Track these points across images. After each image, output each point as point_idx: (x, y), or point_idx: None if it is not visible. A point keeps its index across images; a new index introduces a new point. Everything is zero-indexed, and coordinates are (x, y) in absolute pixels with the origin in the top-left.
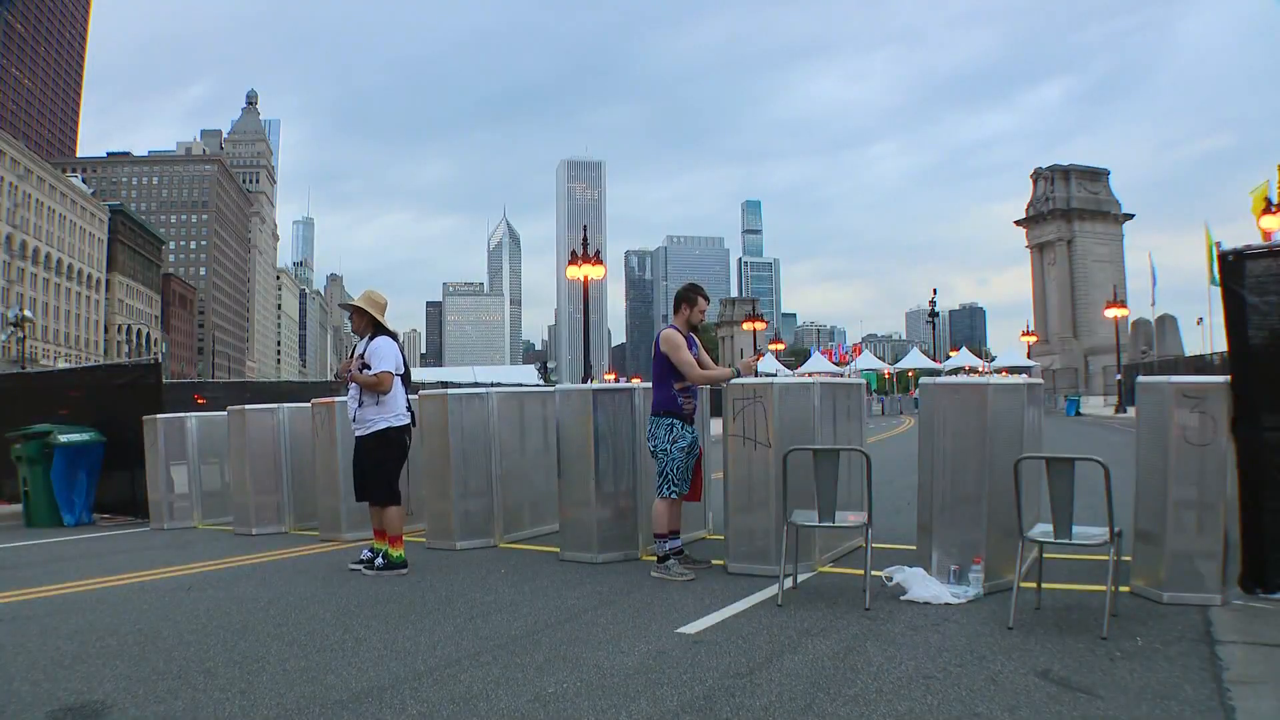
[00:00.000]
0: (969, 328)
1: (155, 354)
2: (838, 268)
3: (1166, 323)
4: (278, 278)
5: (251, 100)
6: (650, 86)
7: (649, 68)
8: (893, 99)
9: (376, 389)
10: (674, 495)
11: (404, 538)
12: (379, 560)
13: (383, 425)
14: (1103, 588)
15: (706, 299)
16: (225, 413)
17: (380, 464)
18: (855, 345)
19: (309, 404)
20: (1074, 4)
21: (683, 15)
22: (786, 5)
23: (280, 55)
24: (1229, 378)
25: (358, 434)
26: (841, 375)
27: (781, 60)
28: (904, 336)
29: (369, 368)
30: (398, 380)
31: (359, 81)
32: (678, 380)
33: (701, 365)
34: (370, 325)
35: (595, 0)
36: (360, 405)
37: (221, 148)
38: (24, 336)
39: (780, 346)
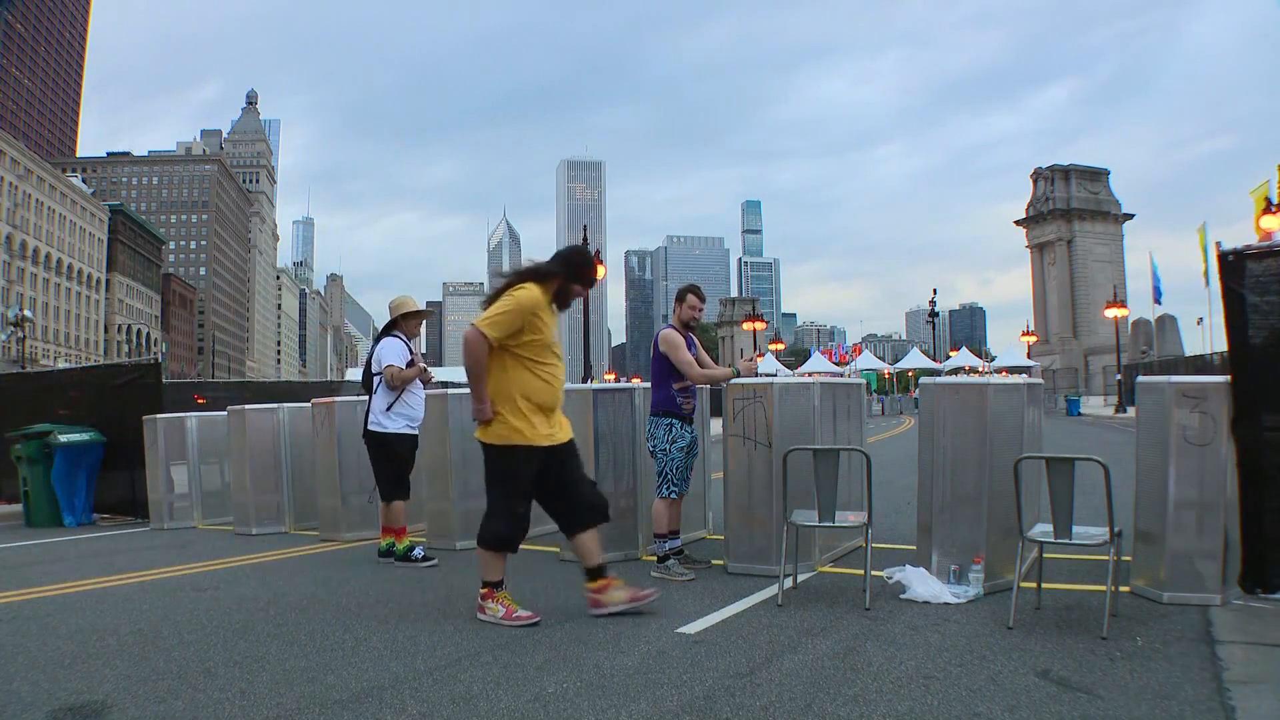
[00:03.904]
0: (969, 328)
1: (155, 354)
2: (842, 268)
3: (1166, 323)
4: (278, 278)
5: (251, 100)
6: (656, 88)
7: (655, 69)
8: (899, 100)
9: None
10: (674, 495)
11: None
12: (418, 552)
13: None
14: (1103, 588)
15: (700, 297)
16: (225, 413)
17: None
18: (855, 345)
19: (309, 404)
20: (1081, 6)
21: (690, 16)
22: (794, 7)
23: (289, 57)
24: (1229, 378)
25: (418, 432)
26: (841, 375)
27: (788, 62)
28: (904, 336)
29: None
30: None
31: (367, 83)
32: (677, 380)
33: (701, 364)
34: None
35: (602, 1)
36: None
37: (221, 148)
38: (24, 336)
39: (780, 346)
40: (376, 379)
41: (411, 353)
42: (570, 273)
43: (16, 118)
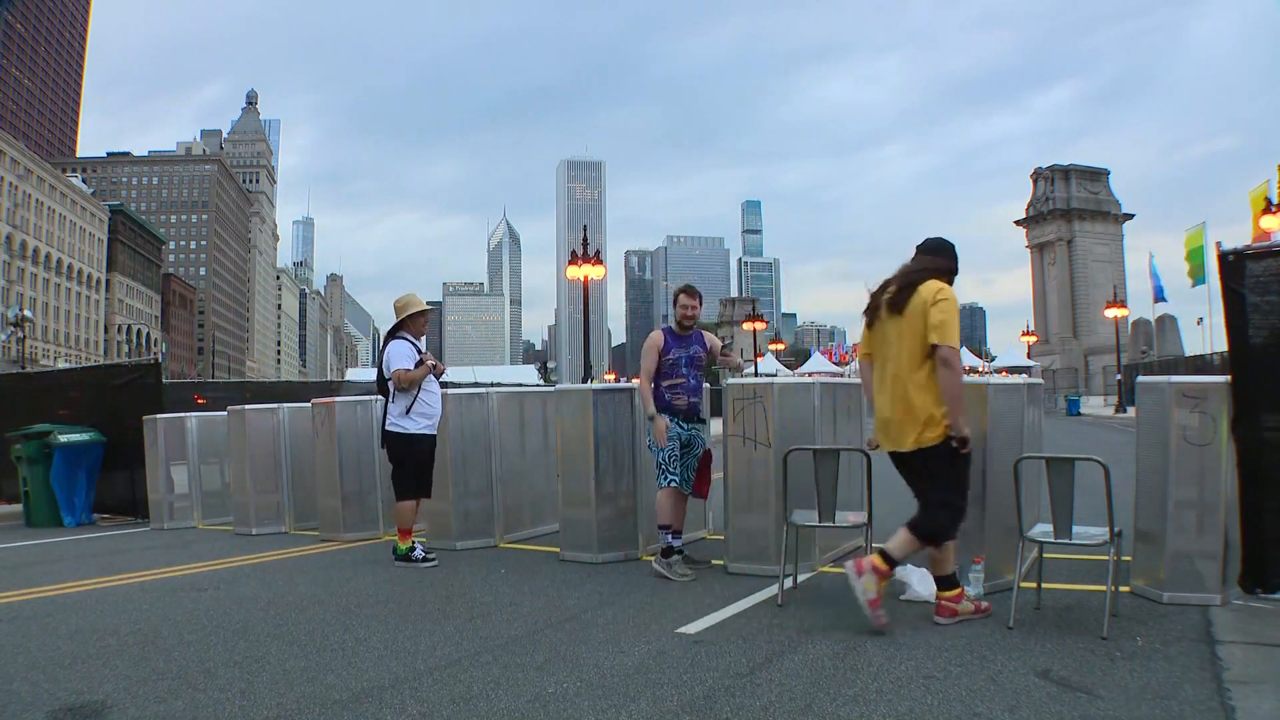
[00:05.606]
0: (969, 328)
1: (155, 354)
2: (843, 268)
3: (1166, 323)
4: (278, 278)
5: (251, 100)
6: (657, 88)
7: (657, 69)
8: (904, 101)
9: None
10: (672, 484)
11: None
12: (418, 553)
13: None
14: (1103, 588)
15: (691, 295)
16: (225, 413)
17: None
18: (855, 345)
19: (309, 404)
20: (1085, 7)
21: (692, 17)
22: (798, 7)
23: (292, 58)
24: (1229, 378)
25: (435, 432)
26: (841, 375)
27: (793, 62)
28: None
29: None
30: None
31: (370, 84)
32: (663, 378)
33: (724, 359)
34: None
35: (607, 2)
36: None
37: (221, 148)
38: (24, 336)
39: (780, 346)
40: (391, 383)
41: (420, 353)
42: (955, 264)
43: (16, 118)
